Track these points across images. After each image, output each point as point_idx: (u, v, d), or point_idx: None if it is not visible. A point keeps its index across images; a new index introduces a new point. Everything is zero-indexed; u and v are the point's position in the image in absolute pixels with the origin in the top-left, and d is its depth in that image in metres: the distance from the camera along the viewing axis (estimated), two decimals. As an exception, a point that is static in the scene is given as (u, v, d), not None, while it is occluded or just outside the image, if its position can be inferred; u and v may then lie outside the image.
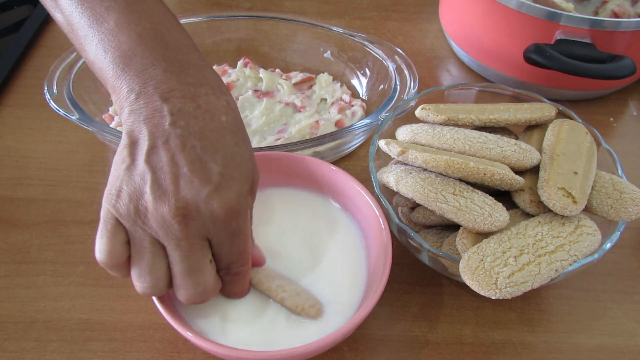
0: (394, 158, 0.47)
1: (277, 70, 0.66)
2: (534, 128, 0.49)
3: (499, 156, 0.42)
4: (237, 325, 0.39)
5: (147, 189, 0.32)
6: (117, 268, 0.34)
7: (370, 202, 0.43)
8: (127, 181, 0.33)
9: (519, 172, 0.43)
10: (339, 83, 0.64)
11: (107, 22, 0.35)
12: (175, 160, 0.33)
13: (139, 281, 0.35)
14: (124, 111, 0.35)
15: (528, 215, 0.42)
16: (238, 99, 0.60)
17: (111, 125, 0.56)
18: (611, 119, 0.65)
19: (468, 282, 0.37)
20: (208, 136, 0.34)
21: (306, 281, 0.42)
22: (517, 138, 0.49)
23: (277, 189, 0.48)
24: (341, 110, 0.59)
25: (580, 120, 0.49)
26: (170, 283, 0.36)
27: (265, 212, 0.47)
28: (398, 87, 0.57)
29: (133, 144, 0.34)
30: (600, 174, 0.44)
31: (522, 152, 0.42)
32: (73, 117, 0.52)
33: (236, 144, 0.35)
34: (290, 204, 0.47)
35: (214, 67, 0.64)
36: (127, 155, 0.34)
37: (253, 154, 0.37)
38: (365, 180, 0.46)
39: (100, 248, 0.34)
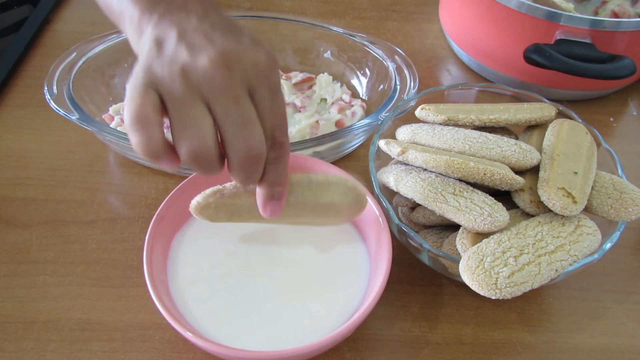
0: (394, 158, 0.47)
1: (277, 70, 0.65)
2: (534, 128, 0.49)
3: (499, 156, 0.42)
4: (237, 325, 0.39)
5: (183, 52, 0.31)
6: (153, 125, 0.32)
7: (371, 202, 0.43)
8: (157, 58, 0.32)
9: (519, 172, 0.43)
10: (339, 83, 0.64)
11: None
12: (207, 34, 0.33)
13: (186, 138, 0.32)
14: (147, 29, 0.34)
15: (528, 215, 0.42)
16: (238, 99, 0.60)
17: (111, 125, 0.56)
18: (611, 119, 0.65)
19: (468, 282, 0.37)
20: (234, 27, 0.35)
21: (306, 281, 0.42)
22: (517, 138, 0.49)
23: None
24: (341, 110, 0.59)
25: (580, 120, 0.49)
26: (217, 146, 0.33)
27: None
28: (398, 87, 0.57)
29: (160, 42, 0.33)
30: (601, 174, 0.44)
31: (522, 152, 0.42)
32: (73, 117, 0.52)
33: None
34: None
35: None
36: (156, 49, 0.32)
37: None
38: (365, 180, 0.46)
39: (136, 104, 0.31)
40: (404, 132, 0.48)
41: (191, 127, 0.32)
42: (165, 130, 0.33)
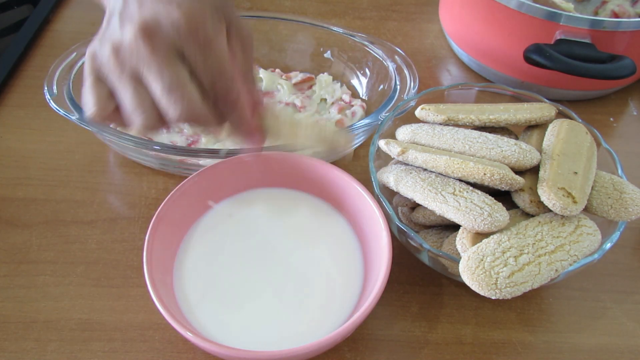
0: (394, 158, 0.47)
1: (277, 70, 0.66)
2: (534, 128, 0.49)
3: (499, 156, 0.42)
4: (237, 325, 0.39)
5: (115, 28, 0.34)
6: (109, 118, 0.35)
7: (370, 202, 0.43)
8: (99, 38, 0.35)
9: (519, 172, 0.43)
10: (339, 83, 0.64)
11: None
12: (141, 2, 0.34)
13: (133, 117, 0.35)
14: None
15: (528, 215, 0.42)
16: (238, 99, 0.60)
17: (111, 125, 0.56)
18: (611, 119, 0.65)
19: (468, 282, 0.37)
20: None
21: (306, 281, 0.42)
22: (517, 138, 0.49)
23: (277, 189, 0.48)
24: (341, 110, 0.59)
25: (580, 120, 0.49)
26: (156, 110, 0.35)
27: (265, 212, 0.47)
28: (398, 87, 0.57)
29: (109, 16, 0.35)
30: (601, 174, 0.44)
31: (522, 152, 0.42)
32: (73, 117, 0.52)
33: None
34: (289, 203, 0.47)
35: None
36: (105, 23, 0.35)
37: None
38: (365, 180, 0.46)
39: (87, 101, 0.35)
40: (404, 132, 0.48)
41: (135, 105, 0.34)
42: None
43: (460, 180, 0.42)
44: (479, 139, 0.44)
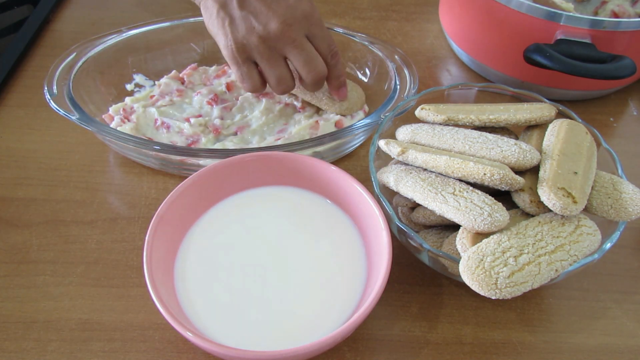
0: (394, 158, 0.47)
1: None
2: (534, 128, 0.49)
3: (499, 156, 0.42)
4: (237, 324, 0.39)
5: (254, 22, 0.48)
6: (259, 90, 0.52)
7: (370, 202, 0.43)
8: (236, 29, 0.48)
9: (519, 172, 0.43)
10: (339, 83, 0.64)
11: None
12: (264, 2, 0.48)
13: (279, 85, 0.51)
14: None
15: (528, 215, 0.42)
16: (237, 99, 0.60)
17: (111, 125, 0.56)
18: (611, 119, 0.65)
19: (468, 282, 0.37)
20: None
21: (306, 281, 0.42)
22: (517, 138, 0.49)
23: (277, 189, 0.48)
24: (341, 110, 0.59)
25: (580, 120, 0.49)
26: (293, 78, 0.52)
27: (265, 212, 0.47)
28: (398, 87, 0.57)
29: (223, 5, 0.49)
30: (601, 173, 0.44)
31: (522, 152, 0.42)
32: (73, 117, 0.52)
33: None
34: (290, 204, 0.47)
35: (214, 67, 0.64)
36: (224, 15, 0.49)
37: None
38: (365, 180, 0.46)
39: (249, 85, 0.51)
40: (404, 132, 0.48)
41: (276, 72, 0.50)
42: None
43: (460, 181, 0.42)
44: (478, 139, 0.44)
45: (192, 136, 0.56)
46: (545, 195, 0.40)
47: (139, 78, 0.63)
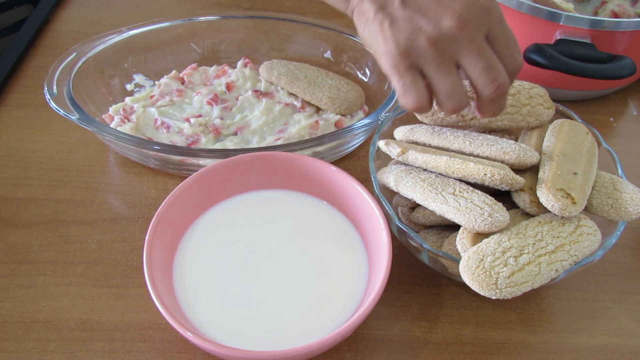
0: (394, 158, 0.47)
1: (277, 70, 0.66)
2: (533, 129, 0.49)
3: (499, 152, 0.42)
4: (237, 325, 0.39)
5: (422, 22, 0.38)
6: (426, 107, 0.40)
7: (370, 202, 0.43)
8: (398, 32, 0.38)
9: (519, 172, 0.43)
10: (339, 83, 0.64)
11: None
12: None
13: (450, 100, 0.39)
14: None
15: (528, 215, 0.42)
16: (238, 99, 0.60)
17: (111, 125, 0.56)
18: (611, 119, 0.65)
19: (468, 282, 0.37)
20: None
21: (306, 281, 0.42)
22: (516, 140, 0.49)
23: (277, 189, 0.48)
24: (341, 110, 0.59)
25: (580, 120, 0.49)
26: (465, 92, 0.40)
27: (265, 212, 0.47)
28: (398, 87, 0.57)
29: (382, 6, 0.39)
30: (601, 173, 0.44)
31: (523, 149, 0.42)
32: (73, 117, 0.52)
33: None
34: (290, 204, 0.47)
35: (214, 67, 0.64)
36: (383, 17, 0.39)
37: None
38: (365, 180, 0.46)
39: (413, 98, 0.39)
40: (402, 131, 0.48)
41: (447, 81, 0.39)
42: None
43: (461, 181, 0.42)
44: (478, 137, 0.44)
45: (192, 136, 0.56)
46: (544, 196, 0.40)
47: (139, 78, 0.63)
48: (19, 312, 0.44)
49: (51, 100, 0.53)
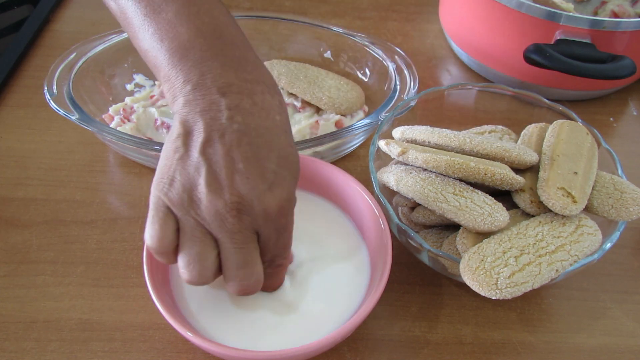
0: (394, 158, 0.47)
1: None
2: (533, 129, 0.49)
3: (500, 149, 0.42)
4: (238, 325, 0.39)
5: (202, 180, 0.33)
6: (166, 255, 0.34)
7: (370, 202, 0.43)
8: (180, 171, 0.33)
9: (519, 172, 0.43)
10: (339, 83, 0.64)
11: (165, 13, 0.36)
12: (231, 155, 0.33)
13: (187, 269, 0.34)
14: (178, 101, 0.35)
15: (528, 215, 0.42)
16: (238, 99, 0.60)
17: (111, 125, 0.56)
18: (611, 119, 0.65)
19: (468, 282, 0.37)
20: (264, 134, 0.34)
21: (306, 281, 0.42)
22: (516, 141, 0.49)
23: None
24: (341, 110, 0.59)
25: (580, 121, 0.49)
26: (216, 274, 0.35)
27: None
28: (398, 87, 0.57)
29: (187, 134, 0.34)
30: (601, 173, 0.44)
31: (523, 148, 0.42)
32: (73, 117, 0.52)
33: (289, 144, 0.36)
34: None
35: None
36: (181, 145, 0.33)
37: (298, 154, 0.37)
38: (365, 180, 0.46)
39: (152, 234, 0.34)
40: (401, 129, 0.47)
41: (196, 261, 0.34)
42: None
43: (461, 180, 0.42)
44: (478, 136, 0.44)
45: (192, 136, 0.56)
46: (545, 195, 0.40)
47: (139, 78, 0.63)
48: (19, 312, 0.44)
49: (51, 100, 0.53)
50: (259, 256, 0.35)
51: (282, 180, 0.34)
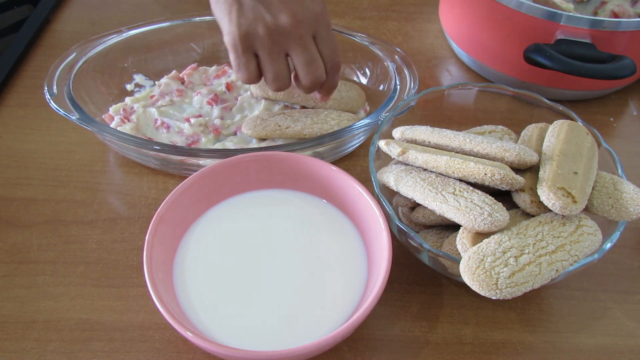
0: (394, 158, 0.47)
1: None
2: (533, 129, 0.49)
3: (500, 149, 0.42)
4: (237, 325, 0.39)
5: (264, 12, 0.46)
6: (255, 81, 0.49)
7: (370, 202, 0.43)
8: (243, 16, 0.46)
9: (519, 172, 0.43)
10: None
11: None
12: None
13: (275, 82, 0.49)
14: None
15: (528, 215, 0.42)
16: (237, 99, 0.60)
17: (111, 125, 0.56)
18: (611, 119, 0.65)
19: (468, 283, 0.37)
20: None
21: (306, 281, 0.42)
22: (516, 141, 0.49)
23: (277, 189, 0.48)
24: (341, 110, 0.59)
25: (580, 121, 0.49)
26: (290, 78, 0.50)
27: (265, 212, 0.47)
28: (398, 87, 0.57)
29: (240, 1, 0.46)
30: (601, 173, 0.44)
31: (523, 148, 0.42)
32: (73, 117, 0.52)
33: None
34: (290, 204, 0.47)
35: (214, 67, 0.64)
36: (233, 2, 0.46)
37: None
38: (365, 180, 0.46)
39: (242, 76, 0.49)
40: (400, 130, 0.47)
41: (275, 67, 0.48)
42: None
43: (461, 180, 0.42)
44: (478, 136, 0.44)
45: (192, 136, 0.56)
46: (545, 195, 0.40)
47: (139, 78, 0.63)
48: (19, 312, 0.44)
49: (51, 100, 0.53)
50: (319, 54, 0.49)
51: (315, 1, 0.48)
